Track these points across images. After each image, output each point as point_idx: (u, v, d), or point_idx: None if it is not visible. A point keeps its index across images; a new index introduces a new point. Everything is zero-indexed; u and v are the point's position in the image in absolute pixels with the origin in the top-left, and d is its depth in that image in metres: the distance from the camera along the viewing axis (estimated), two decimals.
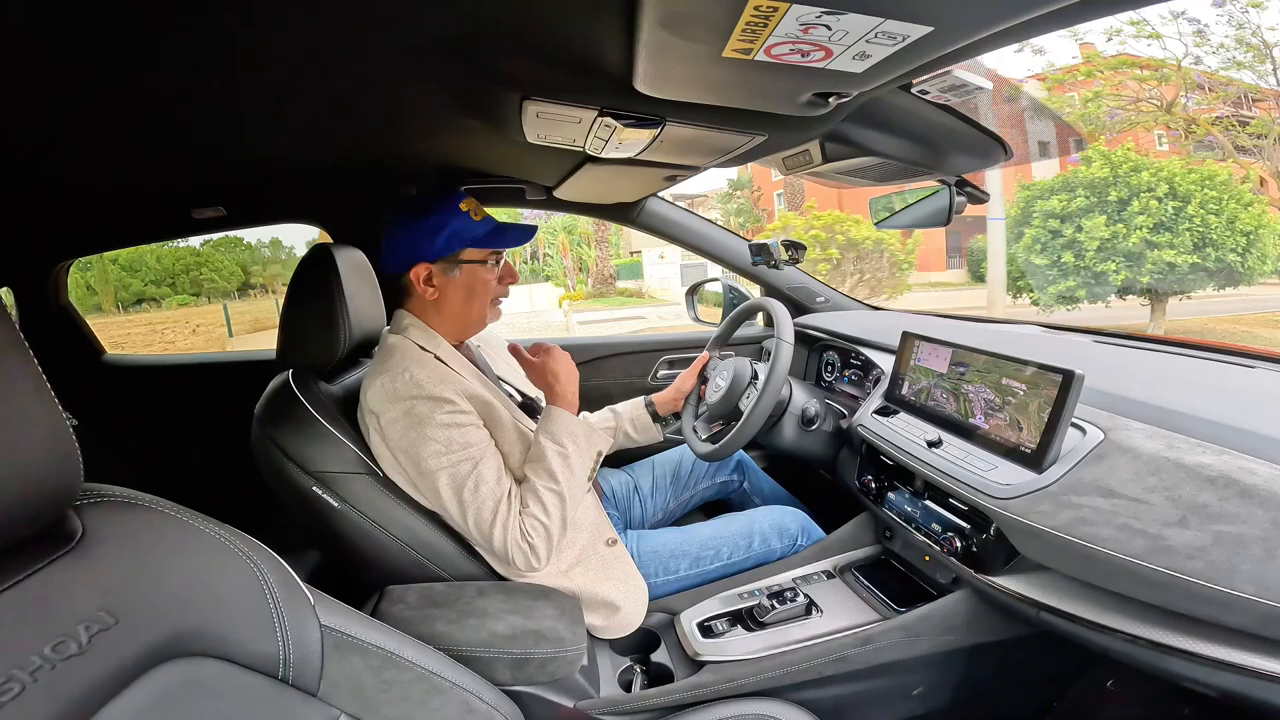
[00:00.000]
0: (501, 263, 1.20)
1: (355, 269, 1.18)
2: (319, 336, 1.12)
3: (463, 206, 1.15)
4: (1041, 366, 0.97)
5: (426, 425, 1.03)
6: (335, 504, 1.02)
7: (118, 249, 2.03)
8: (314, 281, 1.12)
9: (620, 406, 1.56)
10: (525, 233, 1.19)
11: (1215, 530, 0.74)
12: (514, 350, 1.28)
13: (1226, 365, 1.12)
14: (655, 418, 1.51)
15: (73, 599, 0.46)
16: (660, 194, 1.79)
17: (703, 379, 1.56)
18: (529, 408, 1.27)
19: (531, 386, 1.38)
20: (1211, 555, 0.73)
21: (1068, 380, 0.93)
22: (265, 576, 0.57)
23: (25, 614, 0.44)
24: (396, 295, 1.21)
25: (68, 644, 0.44)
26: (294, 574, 0.60)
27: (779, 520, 1.36)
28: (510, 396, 1.24)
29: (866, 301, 2.14)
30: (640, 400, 1.56)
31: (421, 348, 1.13)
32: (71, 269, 2.06)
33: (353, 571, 1.07)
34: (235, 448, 1.38)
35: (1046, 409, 0.95)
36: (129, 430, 1.98)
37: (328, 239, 1.70)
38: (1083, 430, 0.96)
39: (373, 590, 1.01)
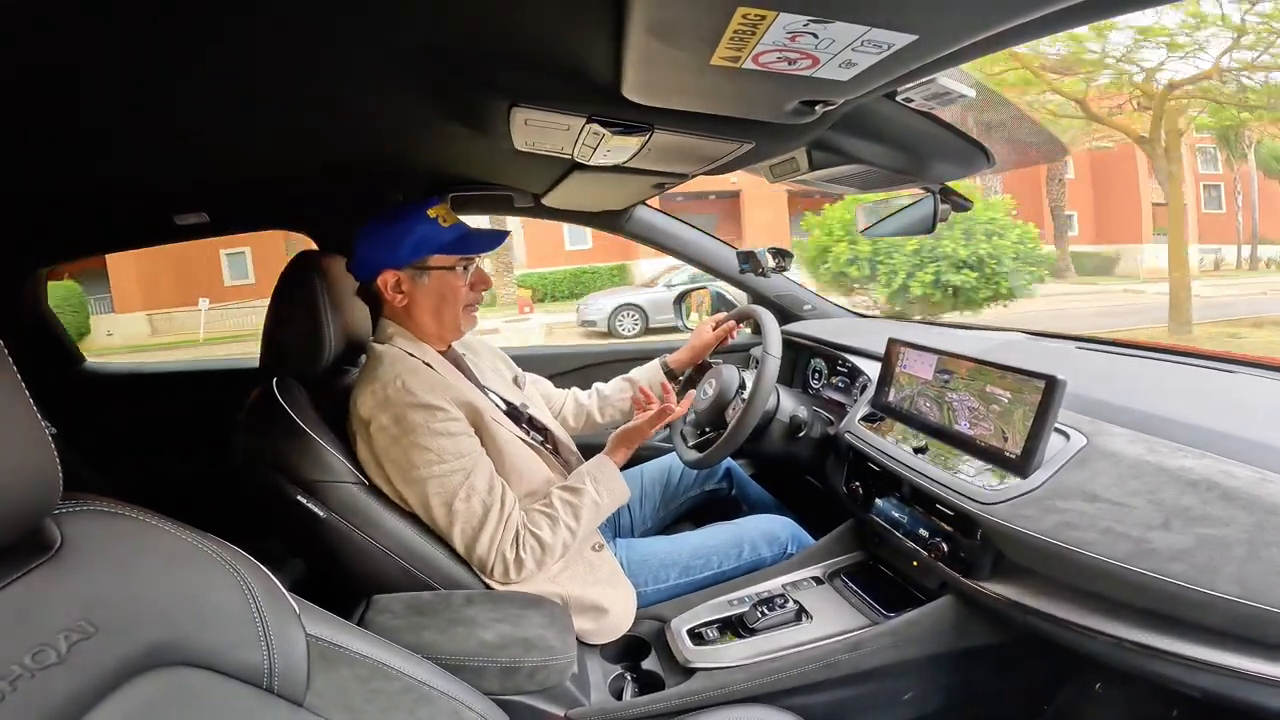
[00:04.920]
0: (472, 269, 1.20)
1: (341, 277, 1.17)
2: (303, 344, 1.11)
3: (431, 213, 1.14)
4: (1025, 373, 0.98)
5: (419, 433, 1.02)
6: (321, 513, 1.01)
7: (97, 255, 2.00)
8: (299, 289, 1.11)
9: (635, 373, 1.56)
10: (493, 238, 1.19)
11: (1198, 533, 0.75)
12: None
13: (1206, 370, 1.14)
14: (672, 378, 1.53)
15: (52, 608, 0.45)
16: (647, 201, 1.79)
17: (690, 386, 1.56)
18: (514, 415, 1.27)
19: (515, 393, 1.37)
20: (1194, 557, 0.73)
21: (1051, 386, 0.94)
22: (249, 585, 0.56)
23: (3, 623, 0.43)
24: (374, 304, 1.20)
25: (47, 653, 0.43)
26: (278, 583, 0.59)
27: (768, 529, 1.36)
28: (497, 405, 1.24)
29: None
30: (655, 363, 1.56)
31: (410, 355, 1.12)
32: None
33: (338, 580, 1.06)
34: (217, 457, 1.36)
35: (1030, 415, 0.96)
36: (109, 439, 1.95)
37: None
38: (1066, 435, 0.97)
39: (359, 599, 1.00)
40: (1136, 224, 19.08)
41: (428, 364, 1.13)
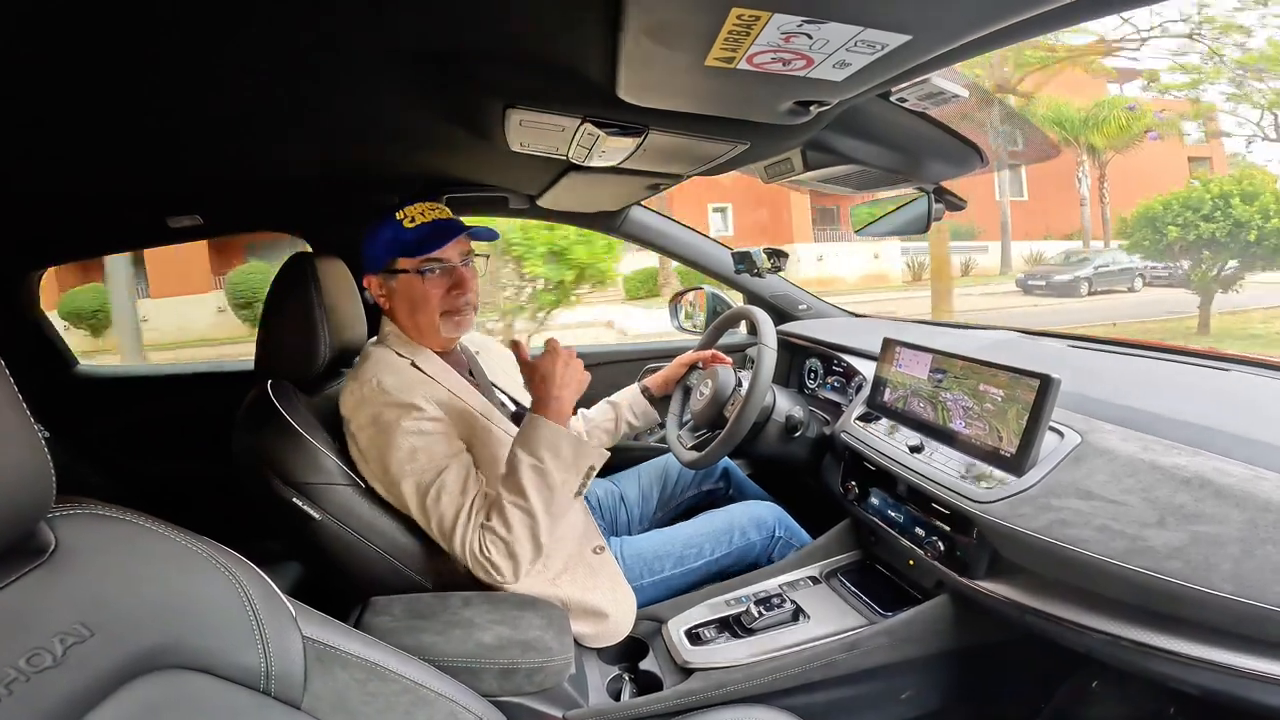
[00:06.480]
0: (440, 272, 1.13)
1: (336, 279, 1.17)
2: (298, 347, 1.11)
3: (398, 215, 1.11)
4: (1019, 371, 0.99)
5: (392, 431, 1.02)
6: (316, 515, 1.01)
7: (91, 258, 2.00)
8: (293, 291, 1.11)
9: (616, 397, 1.56)
10: (446, 235, 1.11)
11: (1192, 530, 0.75)
12: (514, 347, 1.17)
13: (1200, 368, 1.14)
14: (653, 401, 1.53)
15: (47, 611, 0.45)
16: (642, 202, 1.79)
17: (686, 388, 1.56)
18: (519, 417, 1.26)
19: (526, 396, 1.37)
20: (1189, 555, 0.74)
21: (1045, 385, 0.94)
22: (244, 588, 0.56)
23: None
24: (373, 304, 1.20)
25: (43, 656, 0.43)
26: (274, 586, 0.59)
27: (756, 514, 1.38)
28: (504, 405, 1.23)
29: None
30: (635, 387, 1.56)
31: (399, 354, 1.12)
32: None
33: (335, 583, 1.06)
34: (212, 460, 1.35)
35: (1024, 413, 0.97)
36: (102, 443, 1.94)
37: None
38: (1060, 434, 0.97)
39: (355, 602, 0.99)
40: (786, 220, 17.34)
41: (416, 365, 1.13)
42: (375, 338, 1.19)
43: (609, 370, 2.01)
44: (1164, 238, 9.98)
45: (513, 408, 1.26)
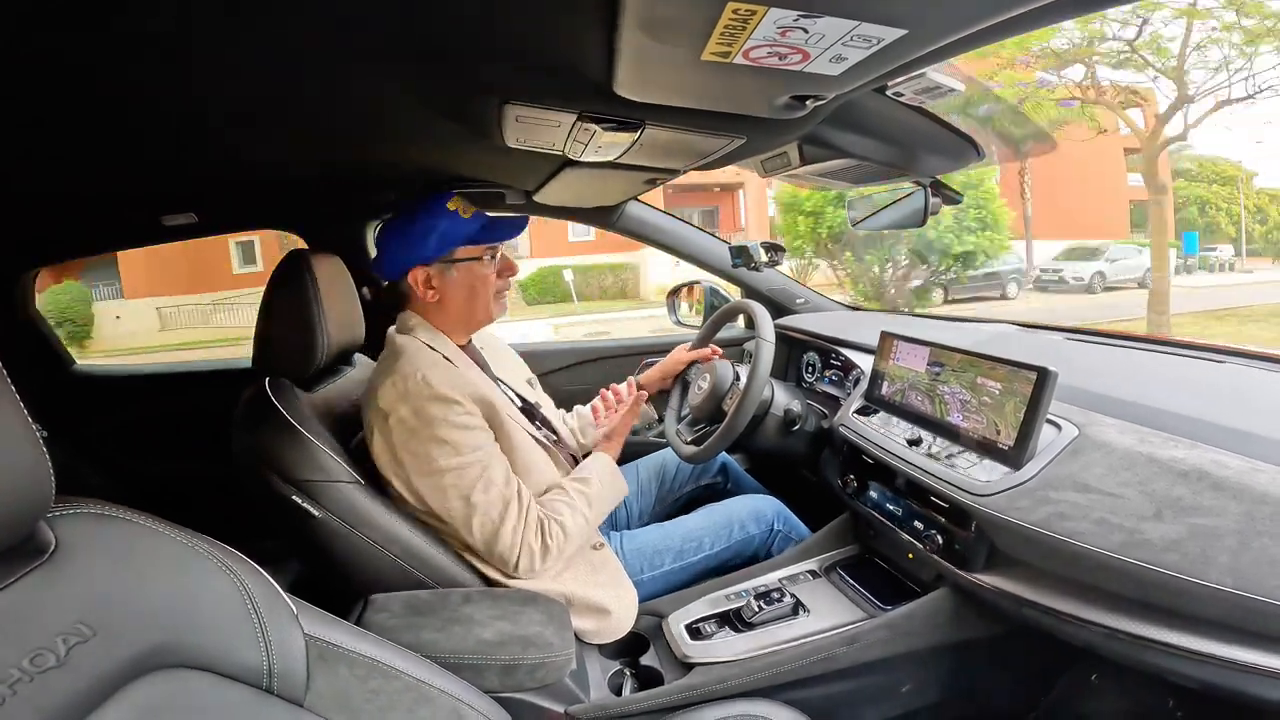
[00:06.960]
0: (498, 256, 1.22)
1: (333, 276, 1.17)
2: (296, 344, 1.11)
3: (450, 206, 1.15)
4: (1017, 364, 0.99)
5: (437, 426, 1.03)
6: (316, 512, 1.01)
7: (85, 257, 2.00)
8: (291, 289, 1.11)
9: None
10: (517, 225, 1.22)
11: (1190, 523, 0.75)
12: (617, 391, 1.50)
13: (1196, 361, 1.15)
14: (649, 396, 1.54)
15: (49, 612, 0.45)
16: (639, 197, 1.79)
17: (685, 382, 1.56)
18: (528, 412, 1.27)
19: (529, 391, 1.38)
20: (1187, 548, 0.74)
21: (1042, 377, 0.94)
22: (246, 587, 0.56)
23: (1, 626, 0.43)
24: (398, 301, 1.21)
25: (46, 656, 0.43)
26: (275, 584, 0.59)
27: (755, 507, 1.40)
28: (511, 401, 1.24)
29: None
30: (630, 380, 1.57)
31: (430, 348, 1.13)
32: None
33: (336, 581, 1.06)
34: (211, 459, 1.35)
35: (1022, 406, 0.97)
36: (101, 442, 1.94)
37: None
38: (1058, 426, 0.97)
39: (356, 599, 0.99)
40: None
41: (446, 358, 1.14)
42: (396, 328, 1.19)
43: (605, 365, 2.01)
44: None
45: (519, 403, 1.27)
